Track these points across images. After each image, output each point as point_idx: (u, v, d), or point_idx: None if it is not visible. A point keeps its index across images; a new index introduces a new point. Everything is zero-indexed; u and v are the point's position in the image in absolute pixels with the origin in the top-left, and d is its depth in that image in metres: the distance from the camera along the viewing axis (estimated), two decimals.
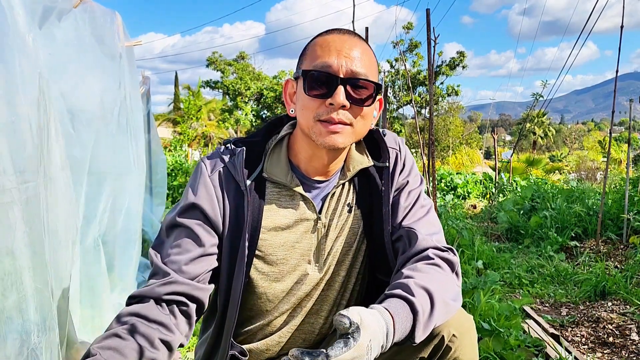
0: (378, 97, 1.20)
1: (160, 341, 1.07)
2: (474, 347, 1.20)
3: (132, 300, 1.12)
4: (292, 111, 1.22)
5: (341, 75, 1.12)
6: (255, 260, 1.24)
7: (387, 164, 1.28)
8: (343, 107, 1.12)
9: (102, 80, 2.39)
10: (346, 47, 1.14)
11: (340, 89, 1.11)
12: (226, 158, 1.21)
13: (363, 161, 1.28)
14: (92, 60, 2.29)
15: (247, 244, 1.18)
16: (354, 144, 1.29)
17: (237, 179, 1.19)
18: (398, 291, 1.04)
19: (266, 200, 1.22)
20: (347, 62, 1.12)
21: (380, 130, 1.32)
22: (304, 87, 1.13)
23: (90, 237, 2.19)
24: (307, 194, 1.24)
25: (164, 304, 1.11)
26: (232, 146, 1.23)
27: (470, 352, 1.19)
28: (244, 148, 1.21)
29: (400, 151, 1.33)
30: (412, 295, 1.03)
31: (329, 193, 1.27)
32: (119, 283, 2.56)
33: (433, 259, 1.15)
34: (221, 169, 1.21)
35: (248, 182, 1.19)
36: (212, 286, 1.22)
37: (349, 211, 1.29)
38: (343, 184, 1.29)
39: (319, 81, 1.12)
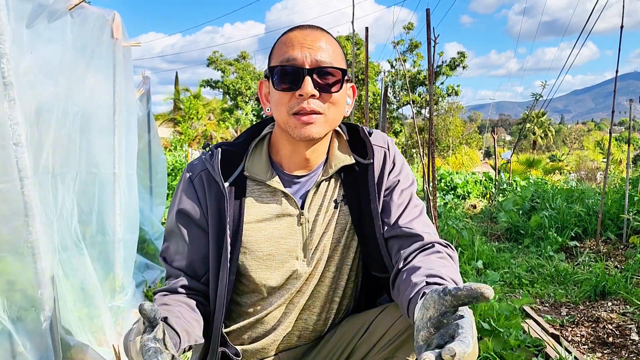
0: (349, 83, 1.25)
1: (199, 304, 1.25)
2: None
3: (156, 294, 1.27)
4: (267, 110, 1.26)
5: (307, 66, 1.15)
6: (241, 257, 1.26)
7: (372, 161, 1.30)
8: (312, 96, 1.15)
9: (90, 81, 2.39)
10: (308, 40, 1.17)
11: (308, 79, 1.14)
12: (206, 160, 1.26)
13: (345, 159, 1.30)
14: (81, 62, 2.29)
15: (229, 240, 1.21)
16: (337, 143, 1.32)
17: (217, 180, 1.23)
18: (439, 280, 1.02)
19: (247, 197, 1.26)
20: (310, 52, 1.15)
21: (366, 129, 1.34)
22: (273, 83, 1.17)
23: (68, 239, 2.18)
24: (287, 190, 1.26)
25: (184, 295, 1.25)
26: (212, 147, 1.28)
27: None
28: (220, 149, 1.26)
29: (389, 150, 1.34)
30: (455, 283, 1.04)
31: (310, 189, 1.29)
32: (115, 283, 2.55)
33: (441, 252, 1.18)
34: (202, 172, 1.26)
35: (228, 182, 1.24)
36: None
37: (335, 207, 1.30)
38: (328, 181, 1.31)
39: (286, 74, 1.16)
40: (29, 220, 1.62)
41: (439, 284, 1.01)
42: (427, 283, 1.02)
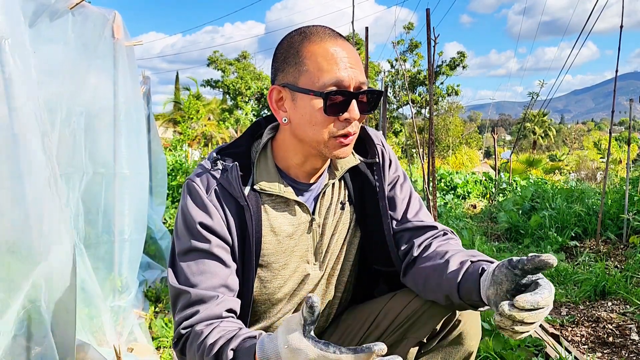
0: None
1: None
2: (478, 321, 1.27)
3: (189, 328, 1.10)
4: (284, 120, 1.18)
5: (352, 90, 1.12)
6: (258, 270, 1.25)
7: (377, 160, 1.31)
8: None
9: (93, 81, 2.39)
10: (348, 57, 1.13)
11: (354, 103, 1.12)
12: (218, 175, 1.18)
13: (350, 159, 1.30)
14: (83, 61, 2.29)
15: (254, 255, 1.19)
16: None
17: (234, 195, 1.17)
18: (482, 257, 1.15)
19: (263, 210, 1.22)
20: (354, 74, 1.12)
21: (364, 126, 1.35)
22: (325, 108, 1.10)
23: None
24: (299, 198, 1.25)
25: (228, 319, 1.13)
26: (221, 161, 1.20)
27: (476, 326, 1.27)
28: (237, 163, 1.18)
29: (384, 146, 1.36)
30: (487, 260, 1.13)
31: (320, 193, 1.29)
32: (117, 282, 2.55)
33: (455, 238, 1.29)
34: (216, 187, 1.18)
35: (245, 194, 1.18)
36: None
37: (342, 208, 1.31)
38: (334, 183, 1.31)
39: (336, 98, 1.11)
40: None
41: (486, 261, 1.11)
42: (472, 262, 1.12)
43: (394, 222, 1.30)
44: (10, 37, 1.33)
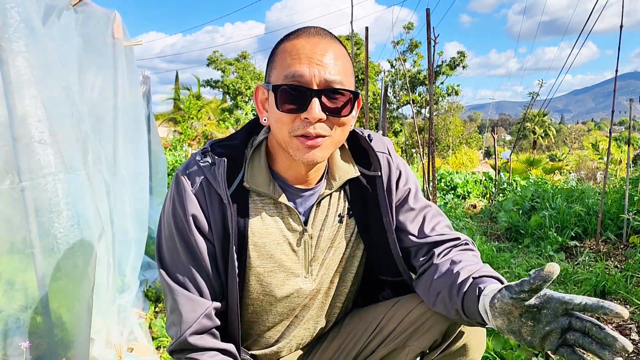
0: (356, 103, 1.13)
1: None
2: (483, 333, 1.25)
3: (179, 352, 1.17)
4: (265, 120, 1.14)
5: (315, 87, 1.03)
6: (246, 273, 1.20)
7: (380, 174, 1.23)
8: (319, 119, 1.04)
9: (94, 81, 2.39)
10: (317, 53, 1.04)
11: (315, 102, 1.02)
12: (206, 169, 1.14)
13: (349, 170, 1.22)
14: (85, 59, 2.29)
15: (235, 256, 1.14)
16: (338, 152, 1.23)
17: (219, 192, 1.13)
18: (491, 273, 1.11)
19: (250, 210, 1.17)
20: (319, 70, 1.03)
21: (366, 134, 1.26)
22: (276, 103, 1.05)
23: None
24: (290, 204, 1.18)
25: (216, 330, 1.17)
26: (211, 154, 1.16)
27: (480, 338, 1.24)
28: (225, 159, 1.14)
29: (390, 155, 1.28)
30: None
31: (314, 203, 1.21)
32: (118, 282, 2.55)
33: (474, 250, 1.24)
34: (202, 182, 1.13)
35: (230, 192, 1.13)
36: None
37: (340, 221, 1.24)
38: (332, 194, 1.24)
39: (292, 95, 1.03)
40: (54, 217, 1.62)
41: (489, 277, 1.07)
42: (474, 278, 1.07)
43: (412, 237, 1.23)
44: (26, 37, 1.34)
